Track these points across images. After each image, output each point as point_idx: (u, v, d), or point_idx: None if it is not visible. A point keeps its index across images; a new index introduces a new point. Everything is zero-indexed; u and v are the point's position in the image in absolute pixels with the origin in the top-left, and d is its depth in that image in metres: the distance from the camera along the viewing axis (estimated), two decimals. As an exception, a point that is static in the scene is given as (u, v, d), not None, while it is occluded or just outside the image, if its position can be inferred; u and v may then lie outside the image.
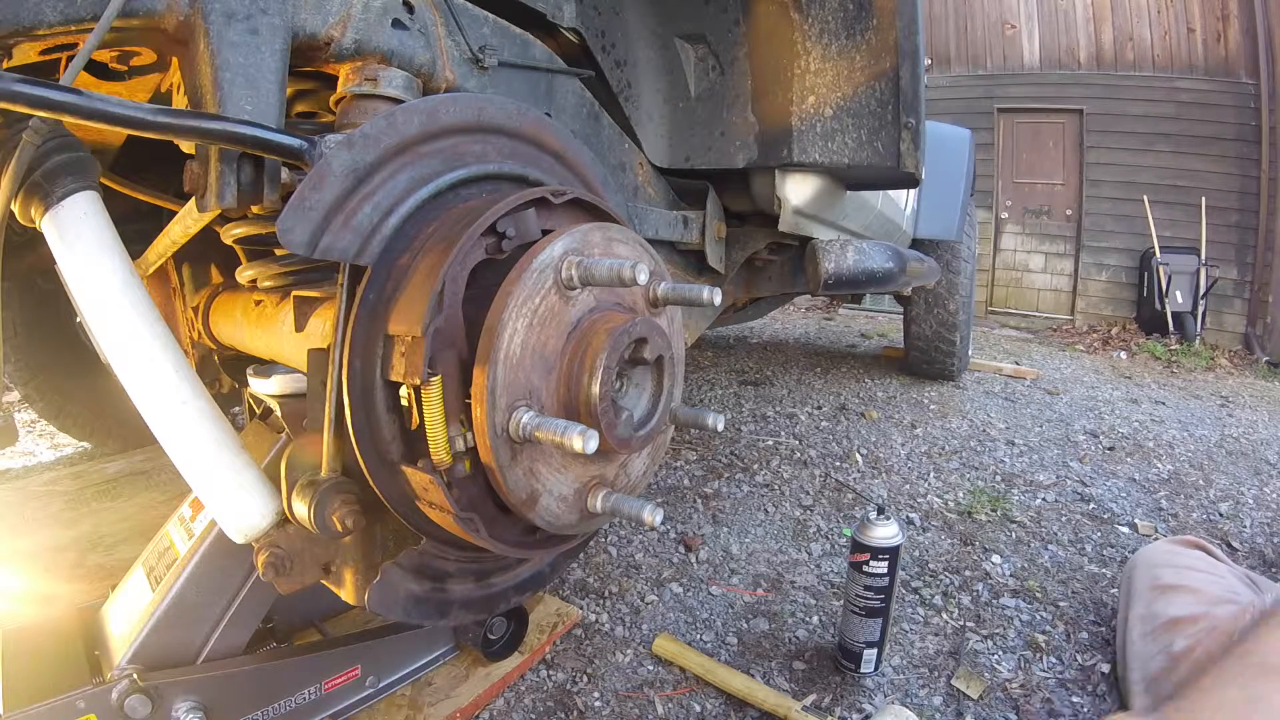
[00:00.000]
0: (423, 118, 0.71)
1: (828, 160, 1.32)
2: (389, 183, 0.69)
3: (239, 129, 0.65)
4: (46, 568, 1.45)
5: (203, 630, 0.93)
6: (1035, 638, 1.40)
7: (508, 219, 0.70)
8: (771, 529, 1.87)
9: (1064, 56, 6.47)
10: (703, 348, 4.42)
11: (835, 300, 5.96)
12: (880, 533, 1.21)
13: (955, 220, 3.24)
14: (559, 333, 0.70)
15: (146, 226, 1.27)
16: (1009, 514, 2.00)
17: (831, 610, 1.48)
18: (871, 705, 1.21)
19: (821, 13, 1.24)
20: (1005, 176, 6.94)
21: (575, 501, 0.75)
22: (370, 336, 0.67)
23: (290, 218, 0.62)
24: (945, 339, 3.39)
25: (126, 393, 0.72)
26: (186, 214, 0.88)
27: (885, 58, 1.23)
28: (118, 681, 0.85)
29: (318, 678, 1.01)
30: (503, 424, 0.65)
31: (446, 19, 0.88)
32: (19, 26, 0.60)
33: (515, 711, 1.16)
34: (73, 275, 0.72)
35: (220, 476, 0.72)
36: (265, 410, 1.01)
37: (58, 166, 0.73)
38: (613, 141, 1.26)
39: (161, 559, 0.98)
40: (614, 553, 1.70)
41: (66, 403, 2.09)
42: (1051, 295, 6.91)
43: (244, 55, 0.69)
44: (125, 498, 1.84)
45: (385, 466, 0.69)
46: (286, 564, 0.73)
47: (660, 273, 0.83)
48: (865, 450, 2.53)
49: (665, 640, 1.32)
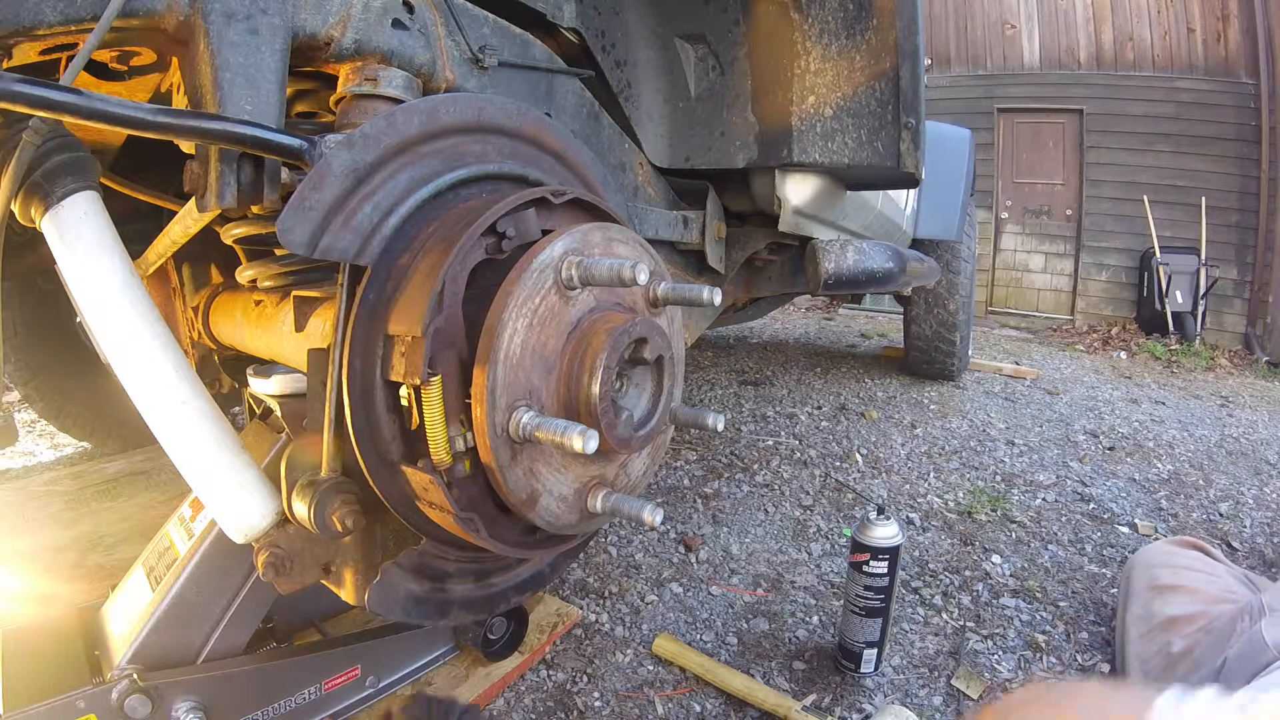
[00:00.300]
0: (423, 118, 0.71)
1: (828, 160, 1.32)
2: (389, 183, 0.69)
3: (239, 129, 0.65)
4: (46, 568, 1.45)
5: (203, 630, 0.93)
6: (1035, 638, 1.40)
7: (508, 219, 0.70)
8: (771, 529, 1.87)
9: (1064, 56, 6.47)
10: (703, 348, 4.42)
11: (835, 300, 5.96)
12: (880, 533, 1.21)
13: (955, 220, 3.24)
14: (559, 333, 0.70)
15: (146, 226, 1.27)
16: (1009, 514, 2.00)
17: (831, 610, 1.48)
18: (871, 705, 1.21)
19: (821, 13, 1.24)
20: (1005, 176, 6.94)
21: (575, 501, 0.75)
22: (370, 336, 0.67)
23: (290, 218, 0.62)
24: (945, 339, 3.39)
25: (126, 393, 0.72)
26: (186, 214, 0.88)
27: (885, 58, 1.23)
28: (118, 681, 0.85)
29: (318, 678, 1.01)
30: (503, 424, 0.64)
31: (446, 19, 0.88)
32: (19, 26, 0.60)
33: (515, 711, 1.16)
34: (73, 275, 0.72)
35: (220, 476, 0.72)
36: (265, 410, 1.01)
37: (58, 166, 0.73)
38: (613, 141, 1.25)
39: (161, 559, 0.98)
40: (614, 553, 1.70)
41: (66, 403, 2.09)
42: (1051, 295, 6.91)
43: (244, 55, 0.69)
44: (125, 498, 1.84)
45: (385, 466, 0.69)
46: (286, 564, 0.73)
47: (660, 273, 0.83)
48: (865, 450, 2.53)
49: (665, 640, 1.32)
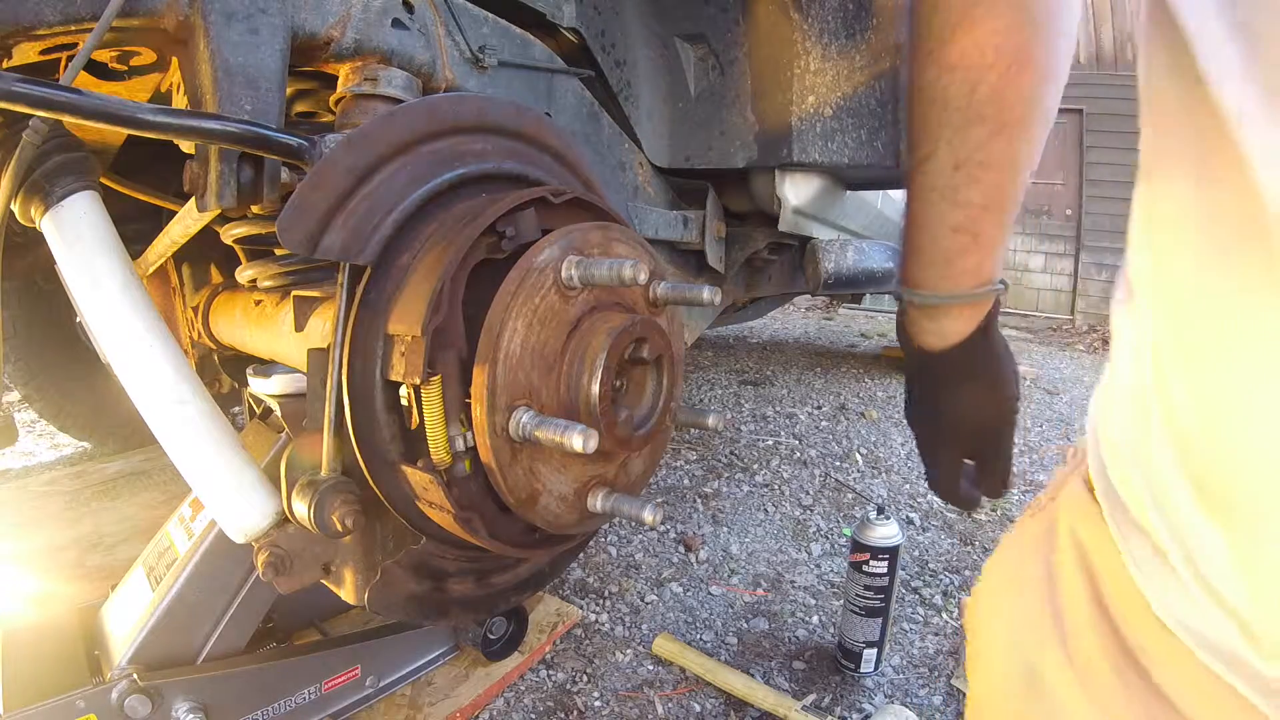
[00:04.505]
0: (422, 117, 0.71)
1: (827, 160, 1.32)
2: (389, 182, 0.69)
3: (239, 129, 0.65)
4: (46, 568, 1.45)
5: (203, 630, 0.93)
6: (1035, 637, 1.40)
7: (507, 218, 0.70)
8: (771, 529, 1.87)
9: (1064, 56, 6.47)
10: (703, 348, 4.42)
11: (835, 300, 5.97)
12: (880, 532, 1.21)
13: (955, 220, 3.24)
14: (559, 332, 0.70)
15: (146, 226, 1.27)
16: (1009, 514, 2.00)
17: (831, 610, 1.48)
18: (871, 705, 1.21)
19: (821, 12, 1.24)
20: (1005, 176, 6.93)
21: (575, 501, 0.75)
22: (370, 336, 0.67)
23: (290, 217, 0.62)
24: (945, 339, 3.39)
25: (126, 393, 0.72)
26: (186, 214, 0.88)
27: (885, 57, 1.23)
28: (118, 681, 0.85)
29: (318, 678, 1.01)
30: (502, 424, 0.64)
31: (446, 19, 0.88)
32: (19, 26, 0.60)
33: (515, 711, 1.16)
34: (73, 275, 0.72)
35: (220, 476, 0.72)
36: (265, 410, 1.01)
37: (58, 166, 0.73)
38: (613, 141, 1.26)
39: (161, 559, 0.98)
40: (614, 553, 1.70)
41: (66, 403, 2.09)
42: (1051, 295, 6.91)
43: (244, 55, 0.69)
44: (125, 498, 1.84)
45: (385, 466, 0.69)
46: (286, 564, 0.73)
47: (660, 272, 0.83)
48: (865, 450, 2.53)
49: (665, 640, 1.32)
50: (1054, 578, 0.43)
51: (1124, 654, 0.38)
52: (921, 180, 0.48)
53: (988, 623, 0.49)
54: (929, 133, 0.46)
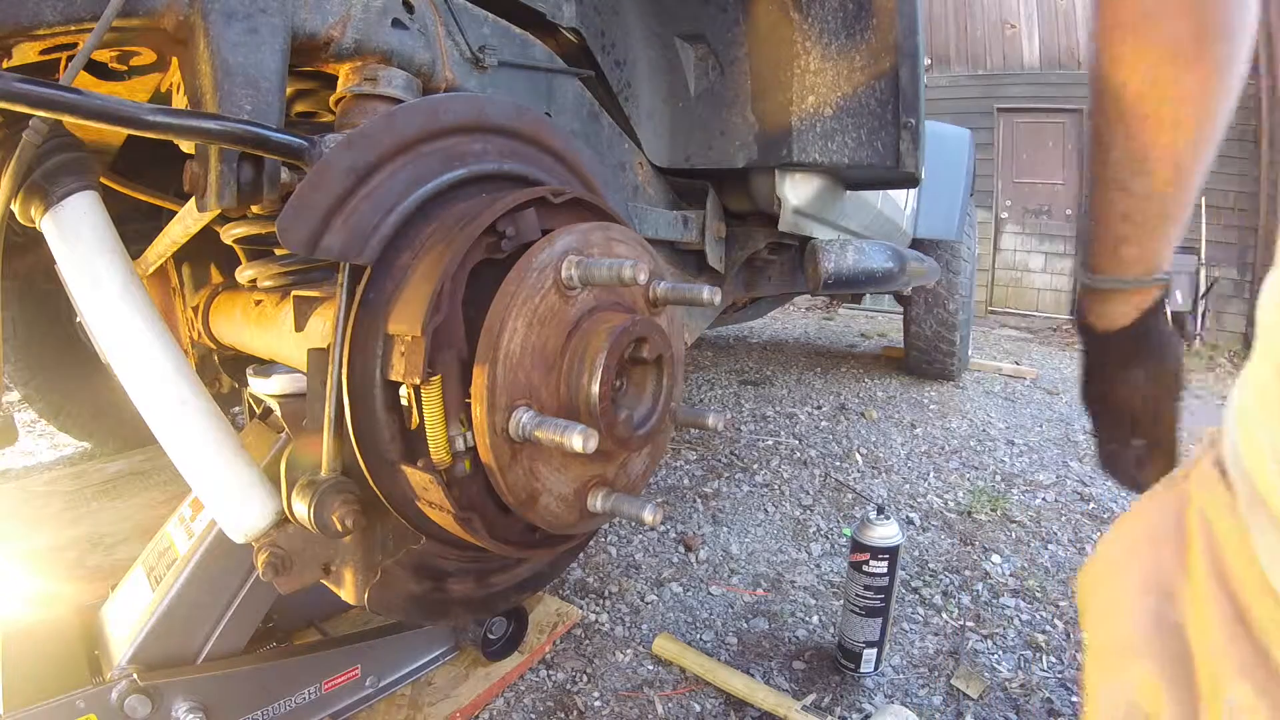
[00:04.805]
0: (423, 117, 0.71)
1: (827, 160, 1.32)
2: (389, 182, 0.69)
3: (239, 129, 0.65)
4: (46, 568, 1.45)
5: (203, 630, 0.93)
6: (1035, 637, 1.40)
7: (507, 219, 0.70)
8: (771, 529, 1.87)
9: (1064, 56, 6.47)
10: (703, 348, 4.42)
11: (835, 300, 5.97)
12: (880, 532, 1.21)
13: (955, 220, 3.24)
14: (559, 332, 0.70)
15: (146, 226, 1.27)
16: (1009, 514, 2.01)
17: (831, 610, 1.48)
18: (871, 705, 1.21)
19: (821, 12, 1.24)
20: (1005, 176, 6.94)
21: (575, 501, 0.75)
22: (370, 336, 0.67)
23: (290, 217, 0.62)
24: (945, 339, 3.39)
25: (126, 393, 0.72)
26: (186, 214, 0.88)
27: (885, 57, 1.23)
28: (118, 681, 0.85)
29: (318, 678, 1.01)
30: (502, 424, 0.64)
31: (446, 19, 0.88)
32: (19, 26, 0.60)
33: (515, 711, 1.16)
34: (73, 275, 0.72)
35: (220, 476, 0.72)
36: (265, 410, 1.01)
37: (58, 166, 0.73)
38: (613, 141, 1.26)
39: (161, 559, 0.98)
40: (614, 553, 1.70)
41: (66, 403, 2.09)
42: (1051, 295, 6.91)
43: (244, 55, 0.69)
44: (125, 498, 1.84)
45: (385, 466, 0.69)
46: (286, 564, 0.73)
47: (660, 272, 0.83)
48: (865, 450, 2.53)
49: (665, 640, 1.32)
50: (1184, 548, 0.44)
51: (1248, 638, 0.38)
52: (1100, 171, 0.53)
53: (1123, 567, 0.50)
54: (1109, 126, 0.51)
